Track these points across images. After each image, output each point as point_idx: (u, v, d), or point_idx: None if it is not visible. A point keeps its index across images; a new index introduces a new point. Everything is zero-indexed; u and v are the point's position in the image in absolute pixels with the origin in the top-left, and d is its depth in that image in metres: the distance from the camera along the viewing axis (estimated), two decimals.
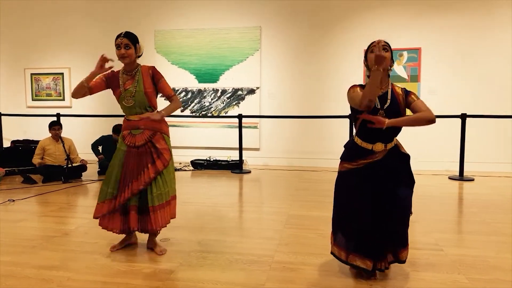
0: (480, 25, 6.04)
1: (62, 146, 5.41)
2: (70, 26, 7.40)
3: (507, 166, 6.03)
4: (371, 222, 2.14)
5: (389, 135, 2.18)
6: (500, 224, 3.33)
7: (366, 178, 2.16)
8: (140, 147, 2.58)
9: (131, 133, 2.62)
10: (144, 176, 2.54)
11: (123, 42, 2.55)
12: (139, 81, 2.57)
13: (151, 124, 2.58)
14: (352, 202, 2.18)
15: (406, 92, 2.25)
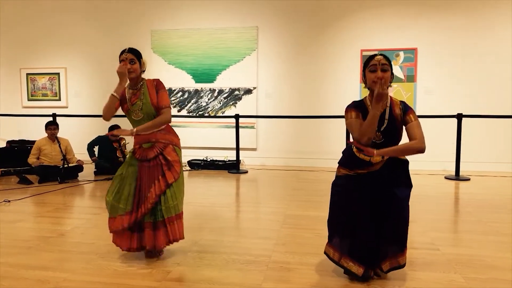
0: (476, 26, 6.07)
1: (58, 146, 5.38)
2: (66, 26, 7.37)
3: (503, 165, 6.06)
4: (369, 227, 2.13)
5: (385, 146, 2.15)
6: (496, 224, 3.35)
7: (364, 184, 2.15)
8: (151, 159, 2.54)
9: (142, 147, 2.58)
10: (155, 189, 2.49)
11: (128, 57, 2.54)
12: (145, 94, 2.57)
13: (162, 136, 2.57)
14: (348, 207, 2.16)
15: (405, 108, 2.18)
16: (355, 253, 2.16)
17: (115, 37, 7.21)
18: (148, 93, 2.57)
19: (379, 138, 2.13)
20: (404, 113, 2.17)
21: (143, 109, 2.55)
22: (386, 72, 2.09)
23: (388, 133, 2.13)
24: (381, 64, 2.07)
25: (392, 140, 2.15)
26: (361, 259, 2.16)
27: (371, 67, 2.10)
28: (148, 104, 2.55)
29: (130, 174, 2.56)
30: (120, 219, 2.51)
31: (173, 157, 2.55)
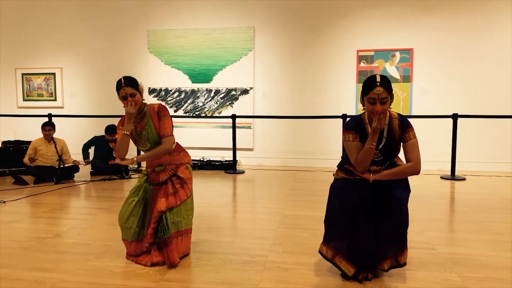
0: (471, 27, 6.11)
1: (54, 146, 5.36)
2: (62, 25, 7.34)
3: (498, 165, 6.10)
4: (367, 230, 2.13)
5: (383, 163, 2.18)
6: (491, 223, 3.37)
7: (362, 187, 2.16)
8: (163, 183, 2.54)
9: (155, 170, 2.58)
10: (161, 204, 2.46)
11: (128, 93, 2.42)
12: (149, 123, 2.52)
13: (173, 158, 2.57)
14: (347, 209, 2.16)
15: (404, 125, 2.15)
16: (351, 255, 2.17)
17: (112, 37, 7.19)
18: (152, 122, 2.52)
19: (378, 156, 2.14)
20: (403, 130, 2.14)
21: (149, 138, 2.52)
22: (385, 104, 2.02)
23: (386, 150, 2.13)
24: (380, 98, 1.99)
25: (390, 156, 2.17)
26: (355, 261, 2.17)
27: (370, 100, 2.02)
28: (153, 133, 2.52)
29: (142, 196, 2.57)
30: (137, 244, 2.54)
31: (186, 175, 2.56)
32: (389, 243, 2.16)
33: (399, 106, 6.30)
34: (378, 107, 2.00)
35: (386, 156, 2.15)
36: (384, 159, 2.16)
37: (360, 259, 2.17)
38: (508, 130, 6.10)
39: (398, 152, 2.18)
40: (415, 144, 2.13)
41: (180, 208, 2.51)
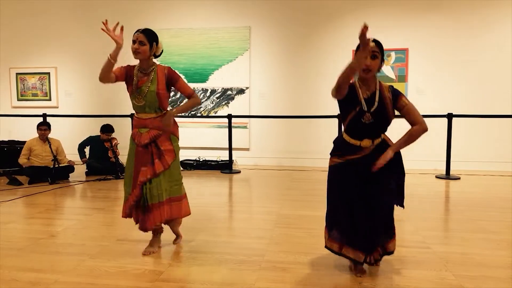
0: (466, 26, 6.15)
1: (49, 146, 5.33)
2: (57, 25, 7.30)
3: (492, 164, 6.14)
4: (363, 212, 2.17)
5: (376, 132, 2.21)
6: (486, 222, 3.39)
7: (354, 172, 2.19)
8: (144, 146, 2.56)
9: (139, 131, 2.59)
10: (142, 175, 2.52)
11: (139, 38, 2.51)
12: (153, 81, 2.54)
13: (158, 123, 2.57)
14: (342, 196, 2.21)
15: (395, 93, 2.23)
16: (353, 242, 2.20)
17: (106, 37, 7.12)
18: (157, 81, 2.53)
19: (369, 119, 2.15)
20: (396, 98, 2.21)
21: (147, 96, 2.53)
22: (375, 59, 2.11)
23: (377, 114, 2.16)
24: (371, 52, 2.08)
25: (381, 121, 2.19)
26: (360, 247, 2.20)
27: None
28: (153, 92, 2.52)
29: (130, 157, 2.62)
30: (126, 203, 2.63)
31: (166, 146, 2.58)
32: (380, 229, 2.20)
33: None
34: (368, 61, 2.09)
35: (377, 121, 2.16)
36: (375, 123, 2.16)
37: (362, 242, 2.19)
38: (503, 130, 6.15)
39: (390, 119, 2.21)
40: (412, 106, 2.23)
41: (159, 179, 2.53)
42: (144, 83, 2.54)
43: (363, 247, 2.20)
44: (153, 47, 2.54)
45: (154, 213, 2.55)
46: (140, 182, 2.52)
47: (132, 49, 2.53)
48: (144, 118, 2.58)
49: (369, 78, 2.18)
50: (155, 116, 2.57)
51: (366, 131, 2.18)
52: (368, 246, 2.21)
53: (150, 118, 2.57)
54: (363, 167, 2.18)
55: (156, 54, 2.61)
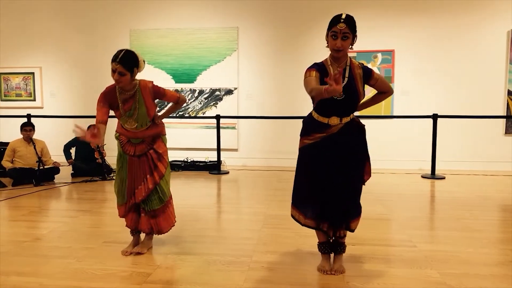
0: (451, 28, 6.26)
1: (33, 148, 5.23)
2: (42, 24, 7.17)
3: (475, 164, 6.27)
4: (328, 192, 2.22)
5: (344, 110, 2.22)
6: (470, 220, 3.46)
7: (322, 151, 2.22)
8: (141, 156, 2.58)
9: (131, 141, 2.59)
10: (146, 186, 2.58)
11: (118, 69, 2.36)
12: (140, 102, 2.48)
13: (151, 132, 2.59)
14: (309, 175, 2.26)
15: (366, 70, 2.26)
16: (319, 215, 2.26)
17: (93, 37, 7.07)
18: (144, 101, 2.48)
19: (341, 95, 2.16)
20: (369, 75, 2.24)
21: (139, 118, 2.49)
22: (346, 40, 2.13)
23: (347, 90, 2.17)
24: (342, 33, 2.11)
25: (352, 97, 2.20)
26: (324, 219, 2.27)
27: (332, 33, 2.14)
28: (143, 113, 2.49)
29: (122, 167, 2.63)
30: (121, 207, 2.69)
31: (163, 148, 2.65)
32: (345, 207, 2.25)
33: (380, 106, 6.40)
34: (339, 43, 2.11)
35: (347, 96, 2.16)
36: (346, 99, 2.17)
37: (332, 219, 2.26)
38: (487, 130, 6.28)
39: (359, 95, 2.22)
40: (383, 78, 2.32)
41: (164, 182, 2.62)
42: (131, 106, 2.48)
43: (331, 222, 2.27)
44: (134, 72, 2.43)
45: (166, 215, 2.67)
46: (146, 194, 2.58)
47: (113, 77, 2.40)
48: (135, 131, 2.56)
49: (341, 56, 2.21)
50: (147, 127, 2.57)
51: (336, 108, 2.19)
52: (336, 221, 2.27)
53: (142, 129, 2.57)
54: (330, 146, 2.21)
55: (139, 72, 2.51)
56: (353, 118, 2.26)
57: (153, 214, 2.62)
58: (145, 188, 2.57)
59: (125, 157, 2.63)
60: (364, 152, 2.30)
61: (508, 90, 6.18)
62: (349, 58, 2.25)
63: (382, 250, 2.74)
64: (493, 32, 6.17)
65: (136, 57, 2.45)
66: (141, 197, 2.58)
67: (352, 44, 2.20)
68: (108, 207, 3.98)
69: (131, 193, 2.62)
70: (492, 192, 4.66)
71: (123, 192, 2.65)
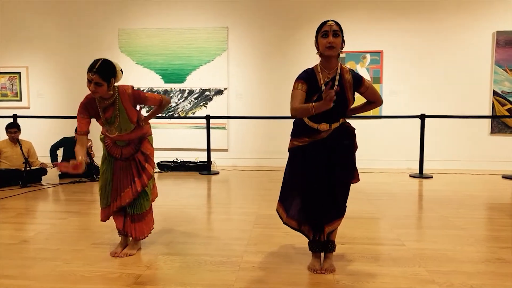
0: (439, 29, 6.35)
1: (19, 149, 5.15)
2: (28, 23, 7.06)
3: (462, 163, 6.38)
4: (313, 195, 2.26)
5: (334, 116, 2.23)
6: (457, 219, 3.52)
7: (310, 154, 2.25)
8: (127, 158, 2.57)
9: (116, 144, 2.57)
10: (134, 188, 2.57)
11: (94, 80, 2.28)
12: (121, 110, 2.43)
13: (137, 134, 2.57)
14: (296, 176, 2.30)
15: (357, 77, 2.26)
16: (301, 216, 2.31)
17: (80, 36, 6.98)
18: (125, 110, 2.43)
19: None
20: (359, 82, 2.25)
21: (121, 125, 2.46)
22: (337, 37, 2.16)
23: (337, 98, 2.09)
24: (332, 30, 2.14)
25: (341, 104, 2.19)
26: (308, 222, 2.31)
27: (323, 33, 2.16)
28: (124, 119, 2.45)
29: (108, 170, 2.61)
30: (104, 210, 2.66)
31: (150, 150, 2.65)
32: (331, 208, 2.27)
33: None
34: (331, 38, 2.13)
35: (337, 104, 2.11)
36: (335, 106, 2.10)
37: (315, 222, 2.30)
38: (473, 130, 6.39)
39: (349, 103, 2.24)
40: (373, 87, 2.33)
41: (148, 187, 2.63)
42: (112, 114, 2.44)
43: (312, 225, 2.31)
44: (111, 83, 2.36)
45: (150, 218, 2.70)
46: (125, 204, 2.58)
47: (89, 88, 2.32)
48: (120, 134, 2.54)
49: (332, 60, 2.20)
50: (131, 131, 2.55)
51: (325, 114, 2.17)
52: (317, 225, 2.30)
53: (127, 132, 2.54)
54: (320, 150, 2.24)
55: (117, 81, 2.46)
56: (343, 122, 2.28)
57: (136, 217, 2.62)
58: (132, 191, 2.57)
59: (110, 159, 2.61)
60: (351, 156, 2.31)
61: (493, 91, 6.30)
62: (339, 65, 2.25)
63: (372, 249, 2.77)
64: (479, 34, 6.29)
65: (114, 67, 2.39)
66: (129, 199, 2.57)
67: (341, 48, 2.21)
68: (96, 209, 3.93)
69: (115, 196, 2.59)
70: (479, 191, 4.75)
71: (106, 195, 2.62)
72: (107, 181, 2.62)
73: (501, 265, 2.48)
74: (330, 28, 2.14)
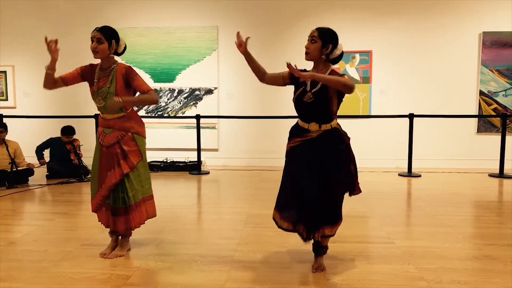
0: (427, 29, 6.43)
1: (6, 149, 5.05)
2: (13, 21, 6.94)
3: (450, 162, 6.47)
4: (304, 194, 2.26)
5: (320, 116, 2.31)
6: (445, 216, 3.57)
7: (301, 154, 2.31)
8: (109, 147, 2.54)
9: (104, 132, 2.58)
10: (111, 178, 2.54)
11: (96, 36, 2.46)
12: (113, 81, 2.50)
13: (121, 124, 2.54)
14: (289, 176, 2.35)
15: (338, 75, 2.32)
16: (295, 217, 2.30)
17: (67, 35, 6.88)
18: (115, 81, 2.50)
19: (310, 97, 2.30)
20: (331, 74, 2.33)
21: (107, 97, 2.48)
22: (314, 43, 2.31)
23: (318, 94, 2.28)
24: (311, 36, 2.33)
25: (321, 101, 2.28)
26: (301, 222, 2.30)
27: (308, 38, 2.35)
28: (112, 94, 2.48)
29: (96, 157, 2.62)
30: (93, 200, 2.65)
31: (130, 147, 2.55)
32: (323, 212, 2.26)
33: (358, 106, 6.51)
34: (307, 44, 2.34)
35: (316, 100, 2.27)
36: (315, 101, 2.28)
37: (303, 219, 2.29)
38: (460, 129, 6.48)
39: (330, 100, 2.29)
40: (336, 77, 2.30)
41: (130, 180, 2.55)
42: (105, 84, 2.51)
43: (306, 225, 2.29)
44: (112, 44, 2.50)
45: (134, 214, 2.57)
46: (112, 186, 2.53)
47: (91, 48, 2.47)
48: (108, 119, 2.55)
49: (318, 63, 2.35)
50: (118, 117, 2.54)
51: (312, 113, 2.30)
52: (310, 225, 2.29)
53: (114, 118, 2.54)
54: (309, 151, 2.29)
55: (118, 51, 2.58)
56: (335, 127, 2.32)
57: (117, 211, 2.56)
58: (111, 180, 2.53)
59: (98, 146, 2.62)
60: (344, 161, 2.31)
61: (480, 91, 6.41)
62: (330, 69, 2.34)
63: (361, 247, 2.79)
64: (466, 35, 6.38)
65: (117, 33, 2.54)
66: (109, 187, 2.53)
67: (326, 52, 2.31)
68: (85, 209, 3.89)
69: (101, 184, 2.58)
70: (466, 189, 4.82)
71: (94, 183, 2.62)
72: (95, 169, 2.63)
73: (488, 261, 2.52)
74: (310, 35, 2.33)
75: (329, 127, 2.30)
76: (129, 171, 2.54)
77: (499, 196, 4.53)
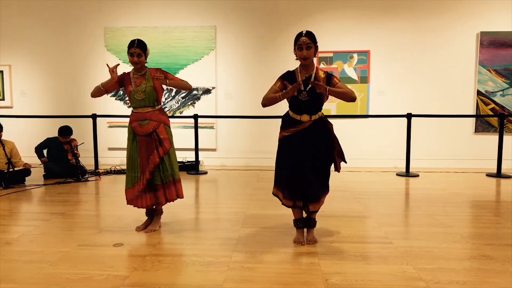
0: (425, 29, 6.44)
1: (2, 149, 5.03)
2: (11, 20, 6.90)
3: (447, 162, 6.48)
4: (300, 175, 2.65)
5: (312, 109, 2.69)
6: (443, 216, 3.57)
7: (295, 142, 2.67)
8: (147, 135, 3.05)
9: (140, 124, 3.07)
10: (154, 159, 3.05)
11: (136, 52, 3.03)
12: (149, 79, 3.10)
13: (156, 116, 3.09)
14: (285, 161, 2.71)
15: (328, 75, 2.70)
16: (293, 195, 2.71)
17: (65, 34, 6.86)
18: (151, 80, 3.10)
19: (305, 96, 2.65)
20: (329, 78, 2.68)
21: (146, 90, 3.06)
22: (310, 49, 2.63)
23: (312, 92, 2.64)
24: (305, 44, 2.61)
25: (316, 99, 2.66)
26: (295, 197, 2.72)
27: (298, 46, 2.64)
28: (151, 87, 3.07)
29: (134, 147, 3.10)
30: (136, 186, 3.09)
31: (164, 135, 3.10)
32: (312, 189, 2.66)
33: (356, 106, 6.51)
34: (304, 52, 2.62)
35: (311, 98, 2.65)
36: (310, 100, 2.66)
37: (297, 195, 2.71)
38: (458, 129, 6.50)
39: (323, 98, 2.67)
40: (342, 83, 2.69)
41: (164, 162, 3.08)
42: (141, 82, 3.08)
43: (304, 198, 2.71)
44: (146, 54, 3.10)
45: (169, 190, 3.11)
46: (153, 166, 3.03)
47: (132, 62, 3.03)
48: (144, 112, 3.08)
49: (308, 64, 2.68)
50: (153, 110, 3.10)
51: (304, 107, 2.67)
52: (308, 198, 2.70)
53: (150, 111, 3.09)
54: (303, 138, 2.66)
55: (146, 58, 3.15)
56: (321, 116, 2.72)
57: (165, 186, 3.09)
58: (153, 161, 3.03)
59: (135, 137, 3.10)
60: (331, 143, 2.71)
61: (477, 91, 6.42)
62: (315, 67, 2.73)
63: (360, 247, 2.79)
64: (464, 34, 6.39)
65: (145, 43, 3.12)
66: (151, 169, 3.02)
67: (315, 54, 2.68)
68: (82, 209, 3.87)
69: (144, 169, 3.05)
70: (464, 189, 4.83)
71: (135, 170, 3.07)
72: (131, 158, 3.09)
73: (486, 261, 2.52)
74: (304, 43, 2.60)
75: (317, 117, 2.70)
76: (163, 155, 3.06)
77: (497, 196, 4.54)
